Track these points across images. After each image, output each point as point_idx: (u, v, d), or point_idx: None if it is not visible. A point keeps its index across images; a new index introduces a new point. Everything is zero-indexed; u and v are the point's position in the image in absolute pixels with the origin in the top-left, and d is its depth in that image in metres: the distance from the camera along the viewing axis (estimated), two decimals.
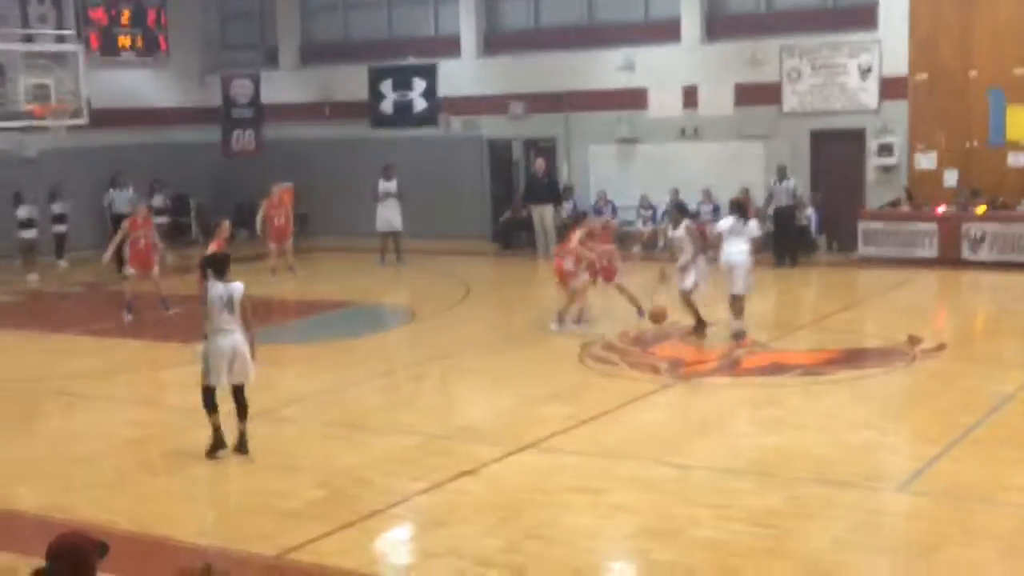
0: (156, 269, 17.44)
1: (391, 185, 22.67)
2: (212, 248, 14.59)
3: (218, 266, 10.20)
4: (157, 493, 9.57)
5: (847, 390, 12.18)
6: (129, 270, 17.30)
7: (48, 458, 10.55)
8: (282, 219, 20.99)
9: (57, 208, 23.73)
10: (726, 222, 15.15)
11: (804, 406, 11.63)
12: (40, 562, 4.65)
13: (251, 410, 11.71)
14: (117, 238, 17.41)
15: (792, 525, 8.19)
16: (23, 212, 22.52)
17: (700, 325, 14.65)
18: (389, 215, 22.61)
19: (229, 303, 9.98)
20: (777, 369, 13.16)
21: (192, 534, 8.45)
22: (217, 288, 10.03)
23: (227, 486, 9.65)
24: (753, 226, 15.01)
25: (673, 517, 8.40)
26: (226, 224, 15.57)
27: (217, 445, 10.14)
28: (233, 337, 10.03)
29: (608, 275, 15.67)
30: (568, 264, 15.02)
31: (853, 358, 13.61)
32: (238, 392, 10.16)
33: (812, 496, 8.81)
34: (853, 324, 15.96)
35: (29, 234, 22.57)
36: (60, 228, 23.82)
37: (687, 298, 14.66)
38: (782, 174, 21.05)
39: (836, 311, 16.69)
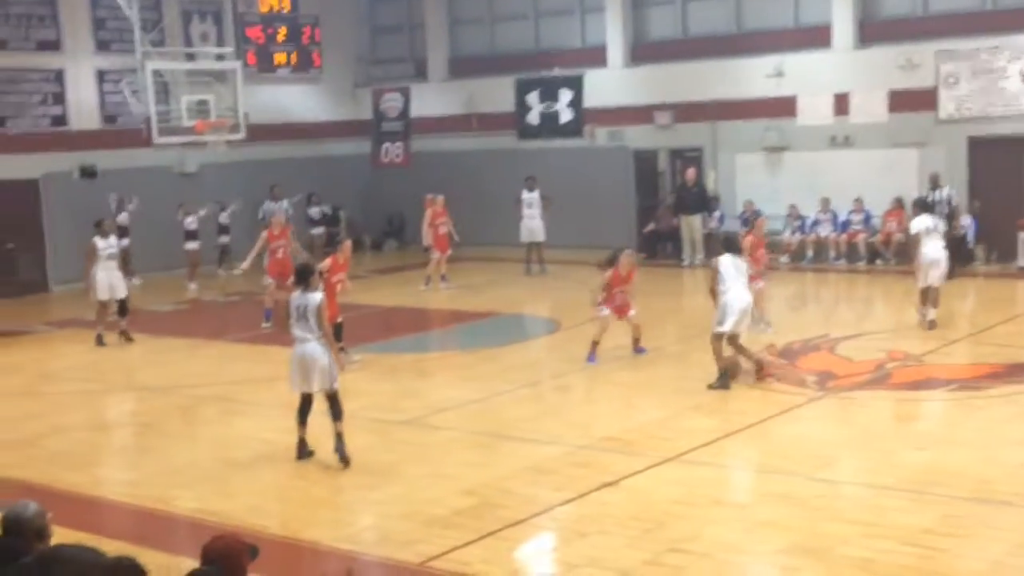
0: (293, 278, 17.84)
1: (533, 196, 22.85)
2: (327, 263, 14.83)
3: (301, 277, 10.55)
4: (308, 498, 9.84)
5: (1006, 405, 11.74)
6: (268, 279, 17.75)
7: (207, 462, 10.95)
8: (444, 228, 21.25)
9: (224, 219, 24.62)
10: (922, 221, 15.84)
11: (959, 421, 11.26)
12: (194, 563, 4.84)
13: (401, 417, 12.02)
14: (256, 248, 17.91)
15: (947, 545, 7.93)
16: (190, 223, 23.36)
17: (759, 368, 13.00)
18: (532, 225, 22.81)
19: (304, 313, 10.30)
20: (931, 383, 12.79)
21: (339, 539, 8.65)
22: (295, 299, 10.43)
23: (376, 493, 9.84)
24: (943, 223, 16.33)
25: (821, 534, 8.24)
26: (347, 244, 15.68)
27: (300, 456, 10.60)
28: (305, 346, 10.33)
29: (621, 311, 14.58)
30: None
31: (1012, 372, 13.11)
32: (331, 398, 10.44)
33: (968, 515, 8.52)
34: (1013, 337, 15.35)
35: (193, 245, 23.42)
36: (224, 239, 24.69)
37: (718, 343, 12.88)
38: (935, 183, 20.32)
39: (995, 323, 16.11)
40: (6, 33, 22.96)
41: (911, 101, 21.81)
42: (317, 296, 10.41)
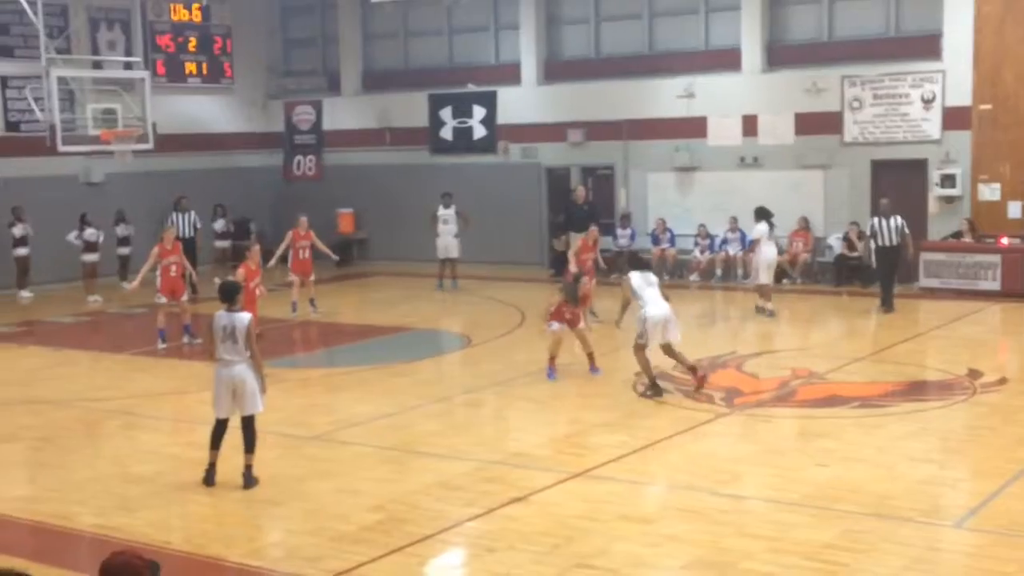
0: (185, 296, 17.51)
1: (449, 212, 22.83)
2: (240, 272, 14.78)
3: (226, 295, 10.08)
4: (212, 514, 9.67)
5: (905, 423, 12.00)
6: (160, 298, 17.18)
7: (107, 476, 10.71)
8: (306, 253, 20.07)
9: (121, 231, 24.16)
10: (763, 228, 18.56)
11: (861, 439, 11.48)
12: None
13: (308, 433, 11.89)
14: (148, 264, 17.21)
15: (846, 560, 8.08)
16: (89, 235, 22.92)
17: (695, 374, 13.37)
18: (447, 242, 22.78)
19: (232, 334, 9.88)
20: (834, 401, 13.03)
21: (244, 555, 8.52)
22: (221, 318, 9.97)
23: (282, 508, 9.71)
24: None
25: (725, 549, 8.33)
26: (256, 248, 15.74)
27: (207, 482, 10.16)
28: (233, 369, 9.93)
29: (572, 324, 14.59)
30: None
31: (912, 391, 13.45)
32: (246, 424, 10.10)
33: (867, 531, 8.69)
34: (913, 356, 15.74)
35: (92, 257, 22.98)
36: (124, 251, 24.25)
37: (640, 353, 13.30)
38: (887, 211, 18.95)
39: (896, 343, 16.47)
40: None
41: (817, 124, 22.30)
42: (245, 316, 9.96)
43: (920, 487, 9.80)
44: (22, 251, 22.75)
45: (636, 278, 13.33)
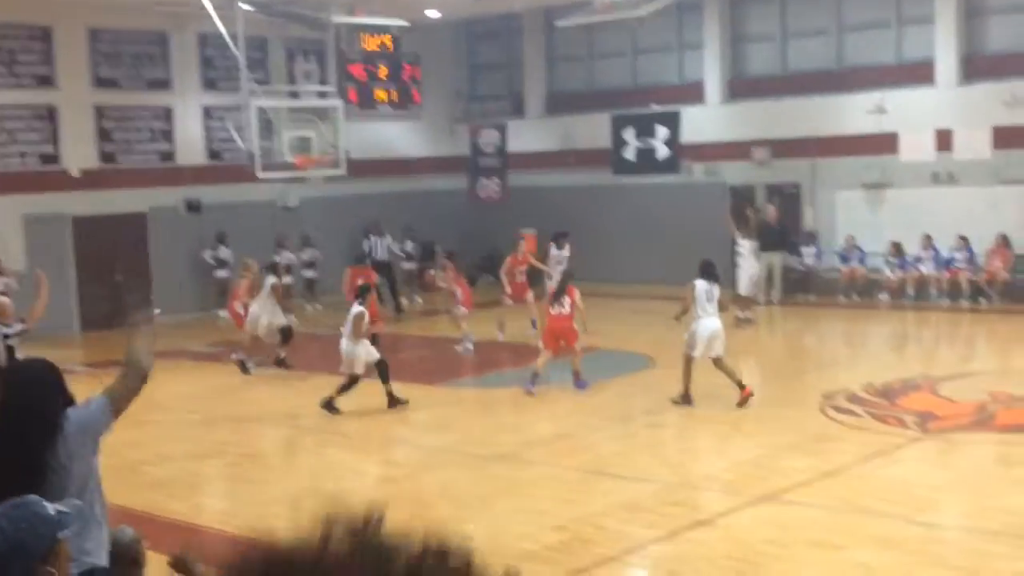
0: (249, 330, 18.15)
1: (563, 254, 21.76)
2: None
3: (359, 294, 14.58)
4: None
5: None
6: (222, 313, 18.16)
7: (302, 492, 11.08)
8: (523, 276, 20.49)
9: (308, 255, 25.12)
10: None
11: None
12: None
13: (495, 451, 12.07)
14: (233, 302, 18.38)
15: None
16: (283, 258, 23.91)
17: (741, 389, 13.79)
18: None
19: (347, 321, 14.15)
20: None
21: None
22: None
23: (465, 526, 9.85)
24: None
25: None
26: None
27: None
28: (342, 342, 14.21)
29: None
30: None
31: None
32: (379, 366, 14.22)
33: None
34: None
35: (286, 279, 23.95)
36: (310, 273, 25.20)
37: (687, 364, 14.04)
38: None
39: None
40: (120, 72, 23.78)
41: (1017, 138, 21.35)
42: (355, 310, 14.06)
43: None
44: (222, 273, 23.85)
45: (700, 287, 13.94)
